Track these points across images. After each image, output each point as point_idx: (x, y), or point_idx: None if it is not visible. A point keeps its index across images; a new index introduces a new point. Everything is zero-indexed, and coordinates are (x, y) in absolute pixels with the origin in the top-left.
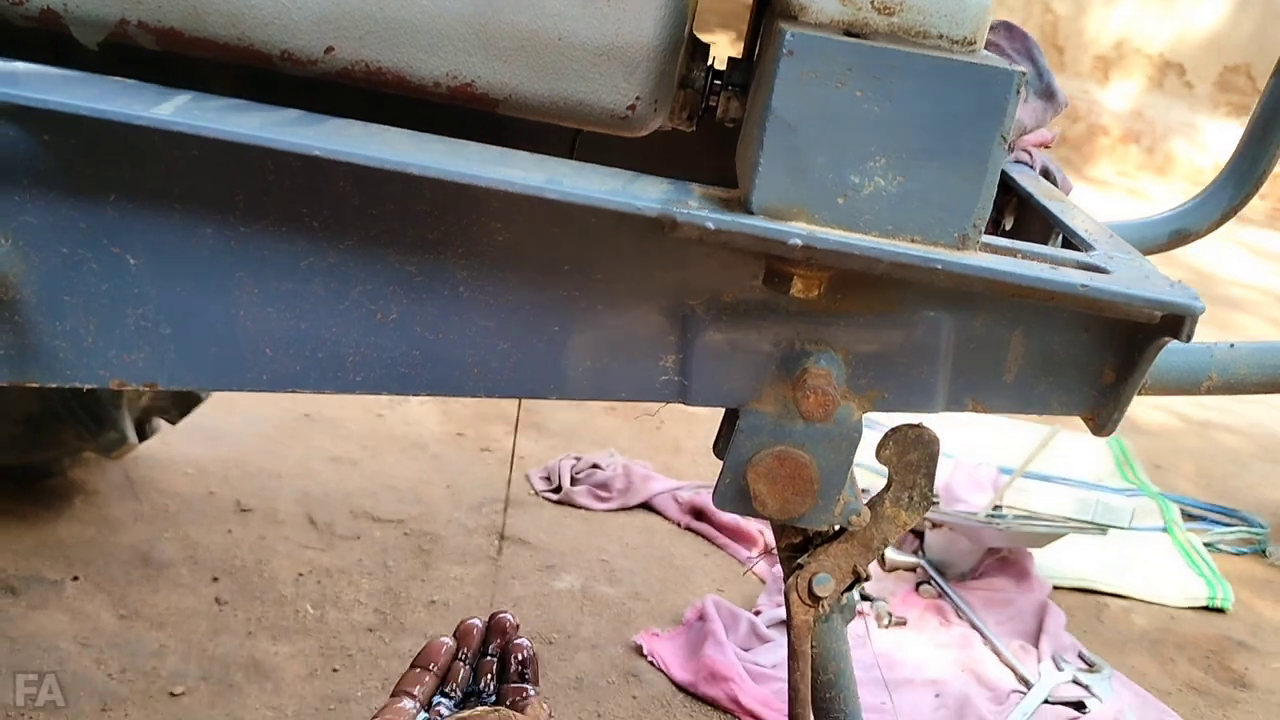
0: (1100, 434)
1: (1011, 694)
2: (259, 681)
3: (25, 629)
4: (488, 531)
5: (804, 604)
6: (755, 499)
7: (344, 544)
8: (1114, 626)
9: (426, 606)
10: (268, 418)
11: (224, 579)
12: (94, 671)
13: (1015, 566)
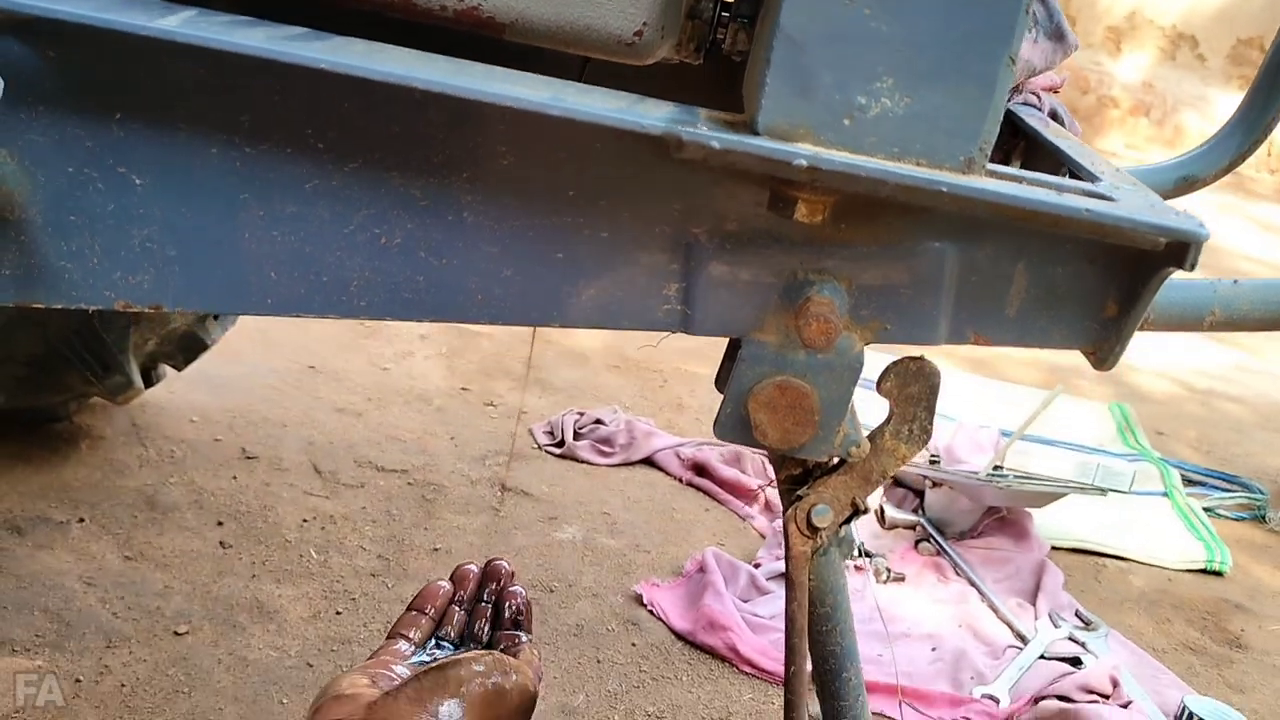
0: (1101, 368)
1: (1008, 649)
2: (262, 622)
3: (31, 568)
4: (490, 483)
5: (802, 535)
6: (756, 428)
7: (348, 492)
8: (1111, 587)
9: (429, 554)
10: (273, 369)
11: (229, 523)
12: (99, 610)
13: (1014, 526)
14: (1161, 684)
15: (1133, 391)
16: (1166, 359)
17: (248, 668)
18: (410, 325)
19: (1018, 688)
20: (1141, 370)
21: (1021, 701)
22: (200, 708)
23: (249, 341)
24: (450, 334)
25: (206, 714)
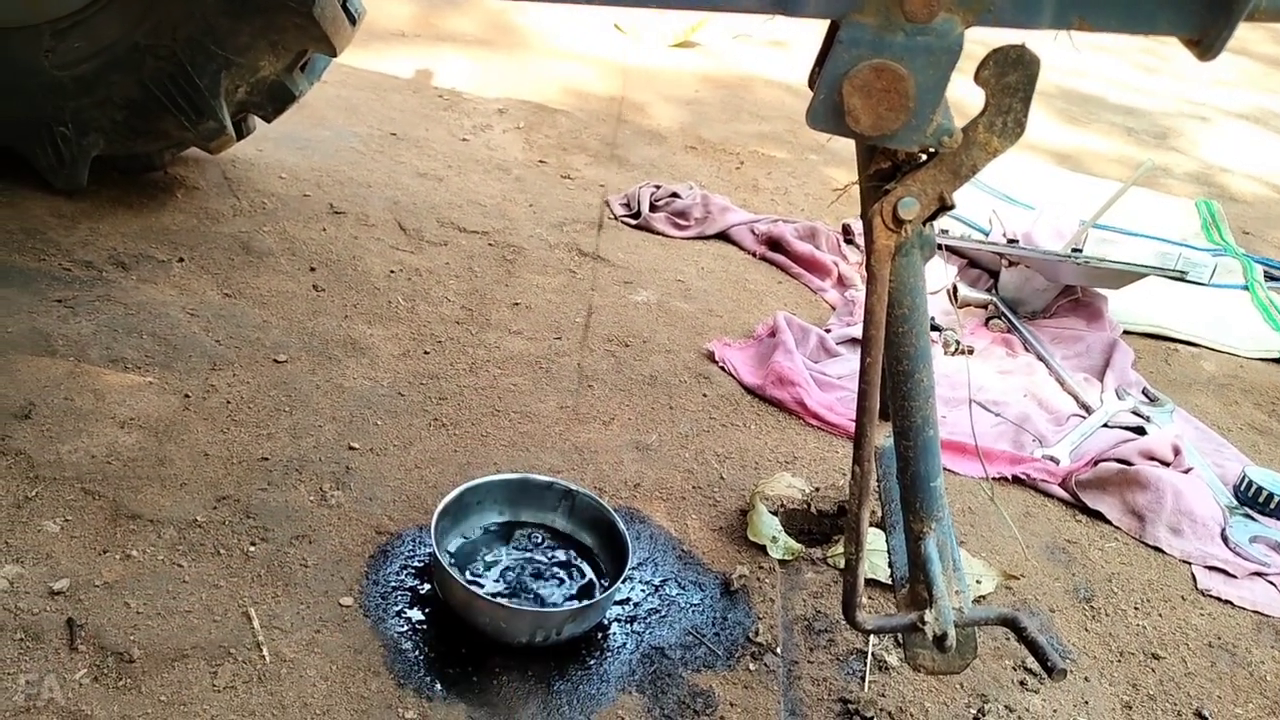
0: (1205, 58)
1: (1071, 417)
2: (356, 356)
3: (137, 299)
4: (568, 248)
5: (887, 229)
6: (849, 114)
7: (432, 248)
8: (1181, 369)
9: (510, 307)
10: (356, 134)
11: (320, 269)
12: (203, 337)
13: (1088, 308)
14: (1223, 457)
15: (1221, 191)
16: (1259, 161)
17: (343, 393)
18: (487, 101)
19: (1078, 451)
20: (1233, 171)
21: (1081, 462)
22: (301, 424)
23: (332, 108)
24: (527, 110)
25: (307, 429)
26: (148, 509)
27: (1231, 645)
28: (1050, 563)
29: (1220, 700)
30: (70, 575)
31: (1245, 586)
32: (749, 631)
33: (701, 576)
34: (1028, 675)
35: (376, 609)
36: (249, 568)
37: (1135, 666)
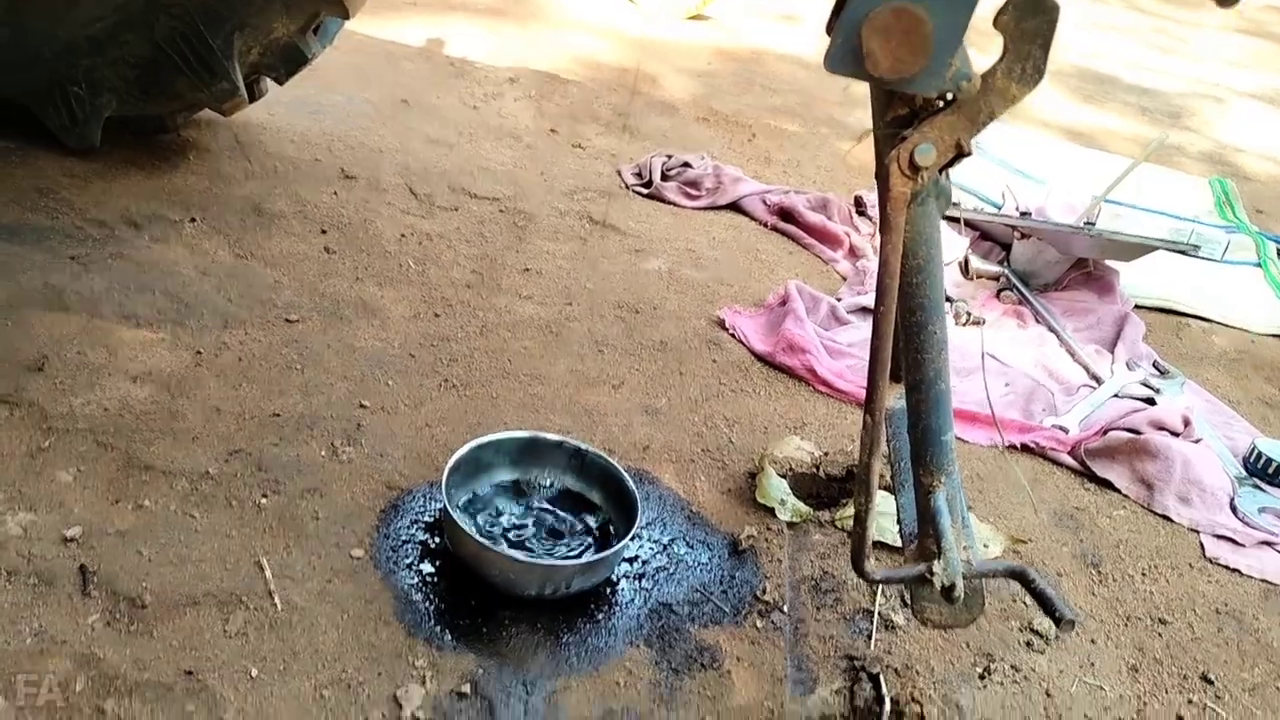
0: (1225, 4)
1: (1081, 388)
2: (367, 318)
3: (149, 257)
4: (579, 215)
5: (903, 175)
6: (868, 57)
7: (443, 213)
8: (1192, 344)
9: (521, 273)
10: (367, 100)
11: (332, 232)
12: (214, 296)
13: (1100, 282)
14: (1233, 429)
15: (1235, 171)
16: (1273, 141)
17: (355, 353)
18: (499, 69)
19: (1088, 420)
20: (1246, 151)
21: (1091, 431)
22: (312, 382)
23: (344, 75)
24: (539, 79)
25: (319, 387)
26: (160, 461)
27: (1239, 612)
28: (1058, 529)
29: (1226, 665)
30: (83, 523)
31: (1253, 555)
32: (756, 590)
33: (709, 536)
34: (1034, 636)
35: (387, 561)
36: (260, 519)
37: (1142, 631)
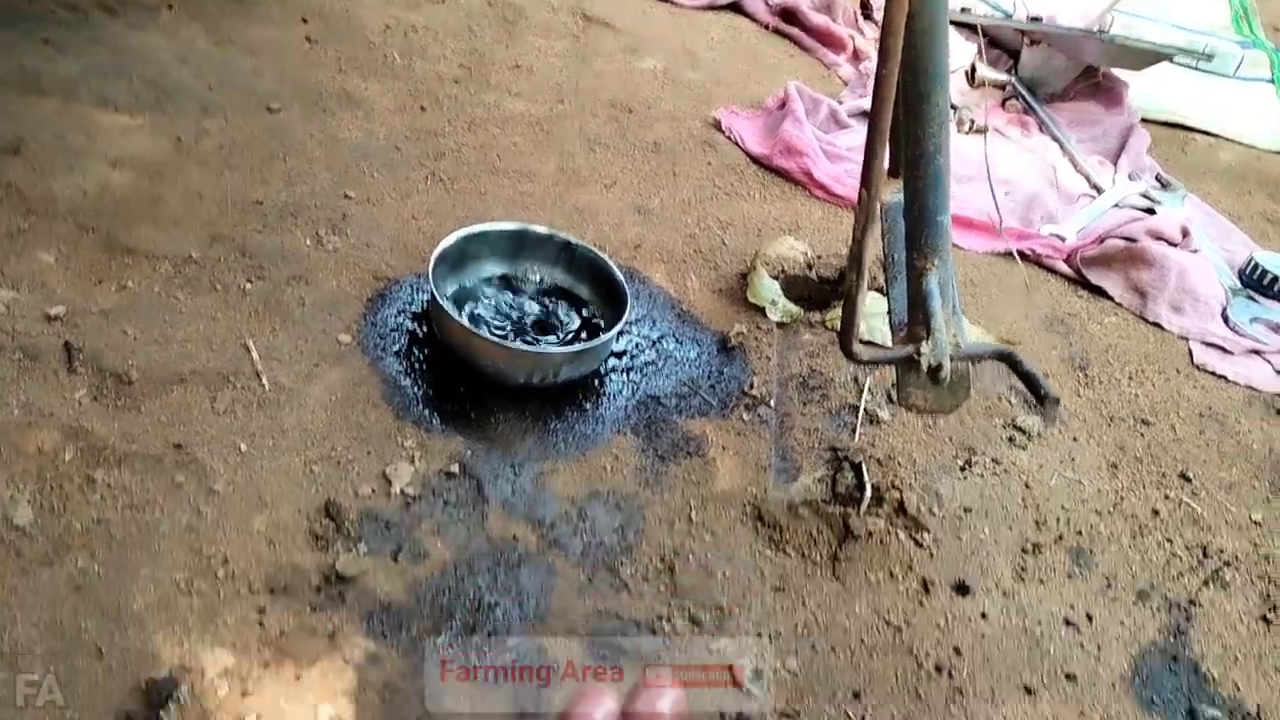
0: None
1: (1081, 197)
2: (350, 109)
3: (126, 43)
4: (571, 11)
5: None
6: None
7: (429, 6)
8: (1197, 159)
9: (511, 69)
10: None
11: (313, 21)
12: (193, 83)
13: (1108, 93)
14: (1232, 242)
15: None
16: None
17: (339, 144)
18: None
19: (1086, 229)
20: None
21: (1088, 240)
22: (296, 171)
23: None
24: None
25: (302, 177)
26: (142, 244)
27: (1221, 416)
28: (1048, 333)
29: (1205, 465)
30: (66, 302)
31: (1240, 363)
32: (744, 385)
33: (699, 334)
34: (1016, 433)
35: (374, 347)
36: (246, 303)
37: (1124, 431)
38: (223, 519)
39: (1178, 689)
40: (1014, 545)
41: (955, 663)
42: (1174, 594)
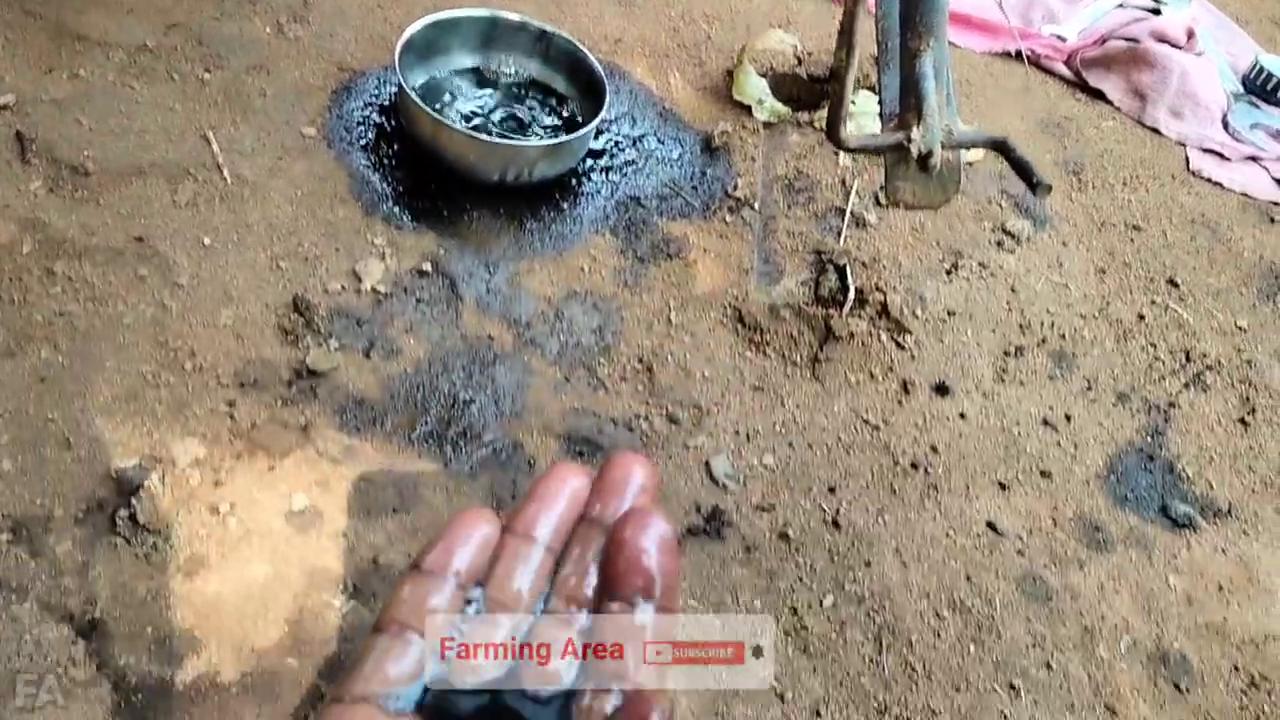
0: None
1: None
2: None
3: None
4: None
5: None
6: None
7: None
8: None
9: None
10: None
11: None
12: None
13: None
14: (1237, 46)
15: None
16: None
17: None
18: None
19: (1088, 30)
20: None
21: (1089, 40)
22: None
23: None
24: None
25: None
26: (94, 31)
27: (1214, 223)
28: (1044, 136)
29: (1194, 271)
30: (16, 91)
31: (1237, 169)
32: (727, 187)
33: (681, 133)
34: (1005, 236)
35: (341, 141)
36: (205, 93)
37: (1114, 236)
38: (188, 312)
39: (1152, 486)
40: (996, 348)
41: (932, 460)
42: (1154, 396)
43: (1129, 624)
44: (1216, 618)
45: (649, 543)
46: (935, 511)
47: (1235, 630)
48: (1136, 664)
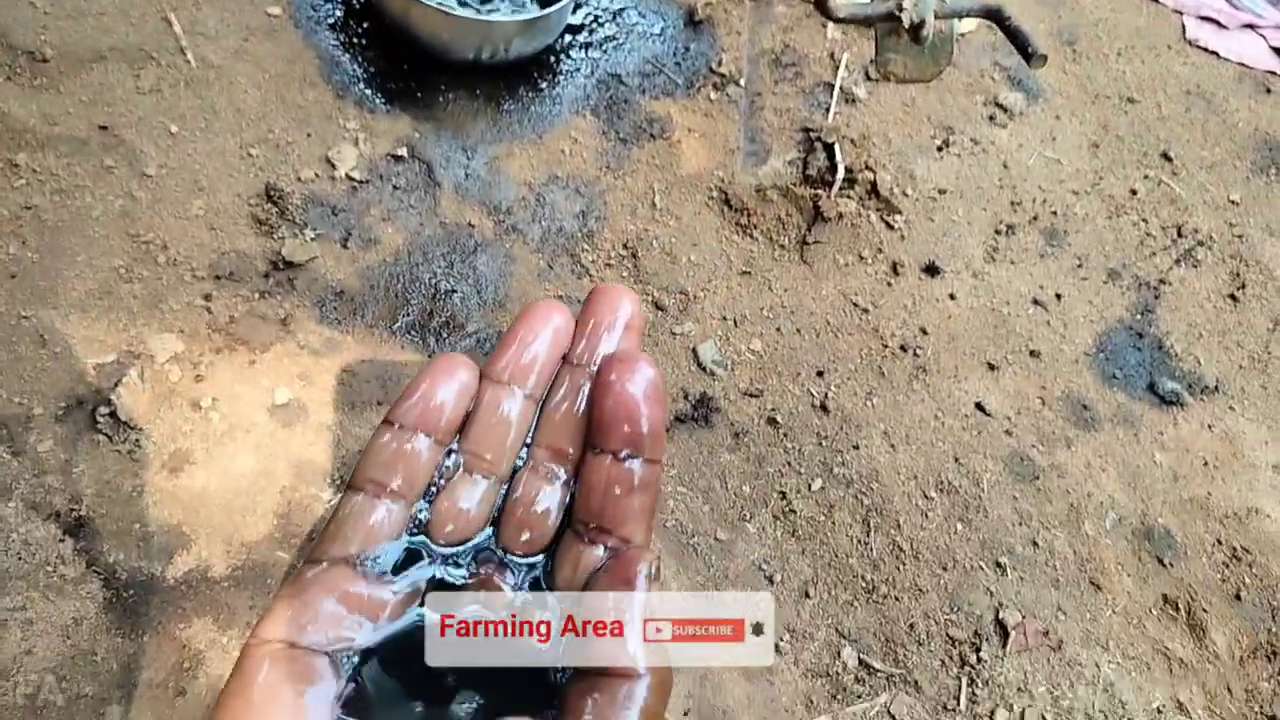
0: None
1: None
2: None
3: None
4: None
5: None
6: None
7: None
8: None
9: None
10: None
11: None
12: None
13: None
14: None
15: None
16: None
17: None
18: None
19: None
20: None
21: None
22: None
23: None
24: None
25: None
26: None
27: (1209, 94)
28: (1038, 5)
29: (1188, 144)
30: None
31: (1234, 38)
32: (712, 63)
33: (664, 6)
34: (997, 110)
35: (308, 20)
36: None
37: (1108, 109)
38: (158, 203)
39: (1140, 364)
40: (987, 226)
41: (921, 342)
42: (1145, 273)
43: (1114, 501)
44: (1201, 493)
45: (635, 389)
46: (924, 394)
47: (1219, 505)
48: (1121, 539)
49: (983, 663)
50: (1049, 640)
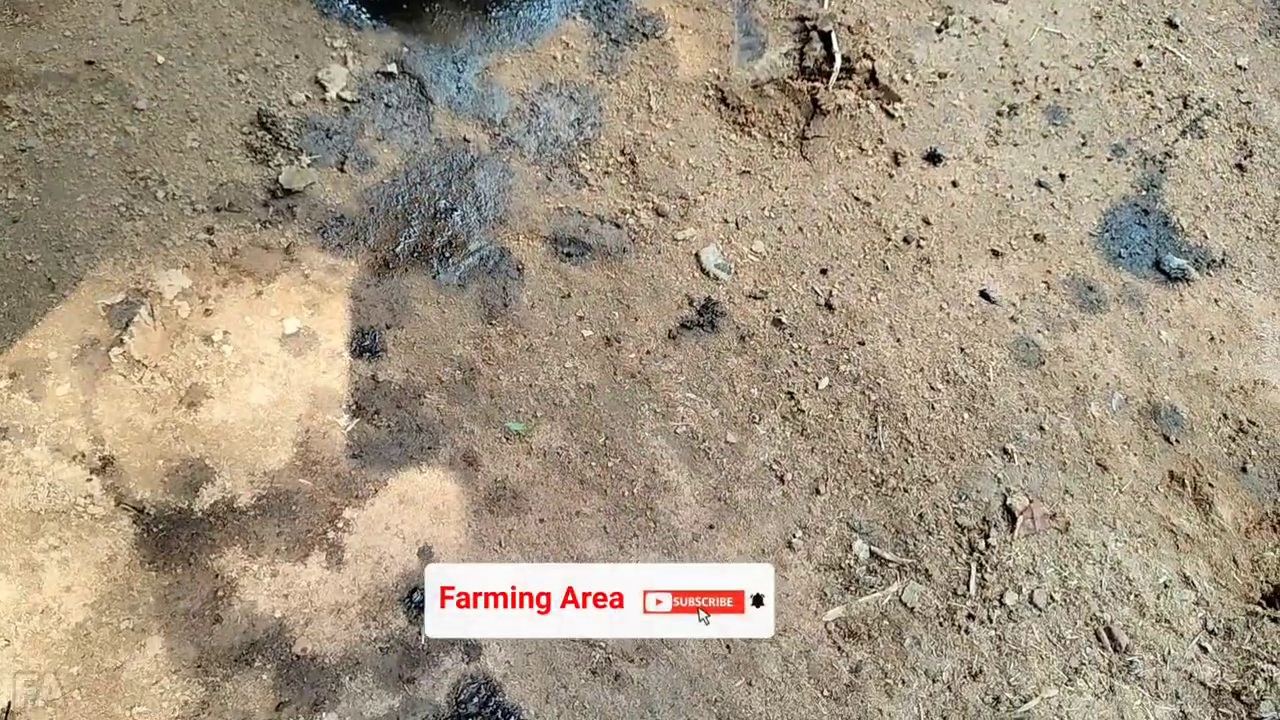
0: None
1: None
2: None
3: None
4: None
5: None
6: None
7: None
8: None
9: None
10: None
11: None
12: None
13: None
14: None
15: None
16: None
17: None
18: None
19: None
20: None
21: None
22: None
23: None
24: None
25: None
26: None
27: None
28: None
29: (1194, 9)
30: None
31: None
32: None
33: None
34: None
35: None
36: None
37: None
38: (152, 138)
39: (1146, 241)
40: (989, 109)
41: (924, 233)
42: (1150, 148)
43: (1120, 381)
44: (1207, 368)
45: None
46: (928, 285)
47: (1225, 379)
48: (1127, 419)
49: (991, 548)
50: (1056, 523)
